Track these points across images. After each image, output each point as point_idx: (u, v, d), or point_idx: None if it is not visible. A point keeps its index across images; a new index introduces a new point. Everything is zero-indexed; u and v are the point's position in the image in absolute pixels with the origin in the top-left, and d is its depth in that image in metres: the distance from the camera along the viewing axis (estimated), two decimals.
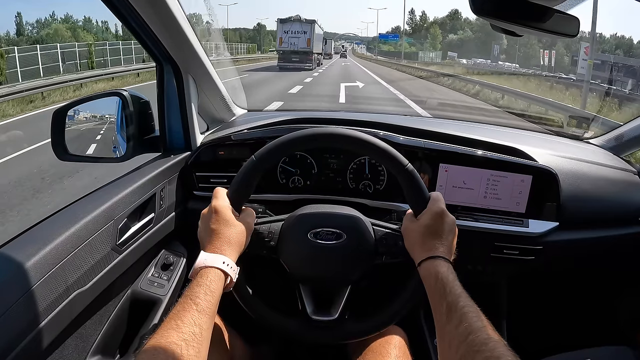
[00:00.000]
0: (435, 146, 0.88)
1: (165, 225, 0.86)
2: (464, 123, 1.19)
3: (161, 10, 0.71)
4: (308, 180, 0.93)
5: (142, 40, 0.78)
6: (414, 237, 0.59)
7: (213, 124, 1.08)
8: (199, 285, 0.51)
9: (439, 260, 0.55)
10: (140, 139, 0.86)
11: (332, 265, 0.63)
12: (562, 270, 1.02)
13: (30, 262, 0.53)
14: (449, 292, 0.50)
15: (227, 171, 0.92)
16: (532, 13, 0.53)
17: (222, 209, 0.59)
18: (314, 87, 10.82)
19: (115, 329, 0.75)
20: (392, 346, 0.69)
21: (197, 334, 0.45)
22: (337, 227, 0.64)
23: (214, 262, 0.54)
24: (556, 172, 0.86)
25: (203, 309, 0.48)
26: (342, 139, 0.62)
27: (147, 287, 0.82)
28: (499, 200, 0.87)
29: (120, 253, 0.70)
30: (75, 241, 0.60)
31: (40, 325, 0.53)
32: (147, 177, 0.79)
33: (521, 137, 1.06)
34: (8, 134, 5.70)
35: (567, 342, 0.87)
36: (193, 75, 0.90)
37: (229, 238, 0.57)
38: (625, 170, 0.97)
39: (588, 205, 0.89)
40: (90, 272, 0.63)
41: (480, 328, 0.45)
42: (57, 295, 0.56)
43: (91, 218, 0.64)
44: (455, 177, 0.87)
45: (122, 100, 0.84)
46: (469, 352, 0.43)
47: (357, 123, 0.96)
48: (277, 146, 0.62)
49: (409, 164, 0.61)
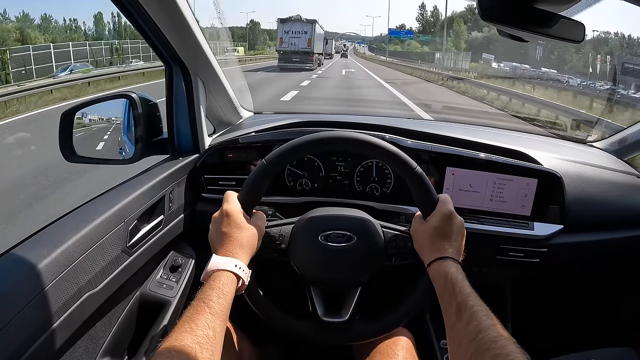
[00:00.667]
0: (442, 150, 0.89)
1: (174, 227, 0.86)
2: (469, 126, 1.20)
3: (171, 12, 0.72)
4: (315, 183, 0.94)
5: (151, 42, 0.79)
6: (423, 239, 0.60)
7: (220, 126, 1.08)
8: (211, 288, 0.51)
9: (448, 260, 0.56)
10: (149, 141, 0.86)
11: (342, 268, 0.64)
12: (566, 273, 1.02)
13: (42, 264, 0.53)
14: (458, 292, 0.51)
15: (235, 174, 0.92)
16: (538, 19, 0.53)
17: (233, 213, 0.59)
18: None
19: (124, 331, 0.75)
20: (400, 348, 0.70)
21: (210, 336, 0.46)
22: (347, 229, 0.64)
23: (226, 265, 0.54)
24: (561, 175, 0.87)
25: (216, 312, 0.49)
26: (353, 142, 0.63)
27: (156, 288, 0.82)
28: (505, 203, 0.88)
29: (130, 255, 0.70)
30: (86, 243, 0.60)
31: (52, 327, 0.54)
32: (157, 179, 0.79)
33: (526, 141, 1.07)
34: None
35: (571, 343, 0.87)
36: (202, 78, 0.90)
37: (241, 241, 0.57)
38: (629, 174, 0.98)
39: (592, 208, 0.90)
40: (101, 274, 0.63)
41: (490, 326, 0.45)
42: (68, 297, 0.56)
43: (102, 220, 0.64)
44: (461, 180, 0.88)
45: (130, 102, 0.84)
46: (478, 350, 0.44)
47: (363, 126, 0.97)
48: (287, 150, 0.62)
49: (417, 166, 0.62)
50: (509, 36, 0.63)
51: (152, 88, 3.60)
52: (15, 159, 4.38)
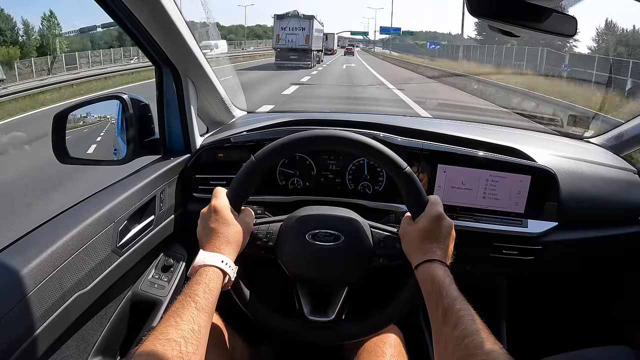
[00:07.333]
0: (433, 147, 0.88)
1: (165, 227, 0.86)
2: (463, 123, 1.19)
3: (159, 15, 0.72)
4: (307, 181, 0.94)
5: (140, 44, 0.79)
6: (411, 240, 0.60)
7: (213, 126, 1.08)
8: (197, 283, 0.51)
9: (435, 263, 0.55)
10: (141, 142, 0.87)
11: (329, 267, 0.64)
12: (561, 270, 1.02)
13: (32, 265, 0.54)
14: (445, 296, 0.50)
15: (226, 173, 0.92)
16: (529, 13, 0.52)
17: (221, 209, 0.59)
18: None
19: (116, 330, 0.76)
20: (388, 345, 0.70)
21: (195, 331, 0.46)
22: (335, 228, 0.64)
23: (213, 260, 0.54)
24: (555, 172, 0.86)
25: (202, 306, 0.49)
26: (341, 141, 0.63)
27: (148, 288, 0.83)
28: (498, 200, 0.87)
29: (120, 255, 0.71)
30: (76, 243, 0.61)
31: (42, 326, 0.54)
32: (147, 179, 0.79)
33: (521, 137, 1.06)
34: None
35: (567, 342, 0.87)
36: (192, 79, 0.90)
37: (228, 237, 0.58)
38: (625, 170, 0.97)
39: (588, 205, 0.89)
40: (91, 274, 0.64)
41: (476, 331, 0.45)
42: (58, 296, 0.57)
43: (92, 221, 0.65)
44: (454, 178, 0.87)
45: (122, 103, 0.85)
46: (464, 355, 0.43)
47: (356, 124, 0.96)
48: (276, 148, 0.62)
49: (407, 167, 0.61)
50: (500, 31, 0.62)
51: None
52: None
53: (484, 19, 0.55)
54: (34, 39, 17.13)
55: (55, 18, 19.56)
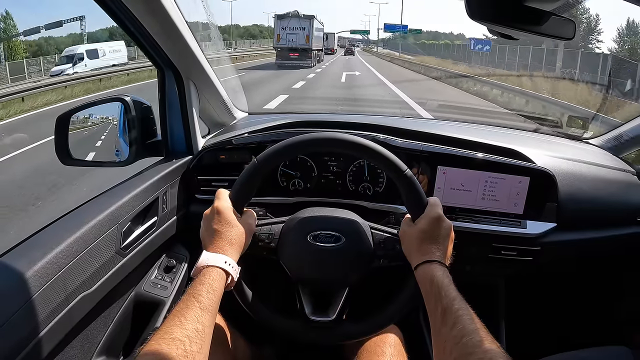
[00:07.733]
0: (433, 149, 0.89)
1: (168, 228, 0.87)
2: (463, 124, 1.19)
3: (161, 17, 0.72)
4: (308, 182, 0.94)
5: (142, 46, 0.80)
6: (411, 242, 0.61)
7: (214, 127, 1.09)
8: (201, 283, 0.52)
9: (434, 264, 0.56)
10: (143, 143, 0.88)
11: (330, 268, 0.65)
12: (560, 271, 1.02)
13: (36, 267, 0.55)
14: (444, 296, 0.51)
15: (228, 175, 0.93)
16: (528, 17, 0.53)
17: (224, 210, 0.60)
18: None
19: (120, 330, 0.77)
20: (388, 345, 0.70)
21: (199, 330, 0.47)
22: (336, 230, 0.65)
23: (216, 261, 0.55)
24: (554, 173, 0.87)
25: (206, 306, 0.50)
26: (342, 143, 0.63)
27: (151, 289, 0.84)
28: (497, 201, 0.88)
29: (124, 256, 0.72)
30: (80, 245, 0.62)
31: (47, 327, 0.55)
32: (150, 181, 0.80)
33: (520, 139, 1.06)
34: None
35: (565, 342, 0.88)
36: (194, 81, 0.91)
37: (231, 238, 0.58)
38: (624, 171, 0.97)
39: (586, 206, 0.90)
40: (95, 275, 0.64)
41: (474, 330, 0.46)
42: (62, 298, 0.58)
43: (96, 222, 0.66)
44: (453, 180, 0.88)
45: (124, 106, 0.86)
46: (462, 354, 0.44)
47: (356, 126, 0.97)
48: (278, 150, 0.63)
49: (407, 169, 0.62)
50: (498, 34, 0.63)
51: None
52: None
53: (483, 23, 0.56)
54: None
55: (11, 19, 18.48)
